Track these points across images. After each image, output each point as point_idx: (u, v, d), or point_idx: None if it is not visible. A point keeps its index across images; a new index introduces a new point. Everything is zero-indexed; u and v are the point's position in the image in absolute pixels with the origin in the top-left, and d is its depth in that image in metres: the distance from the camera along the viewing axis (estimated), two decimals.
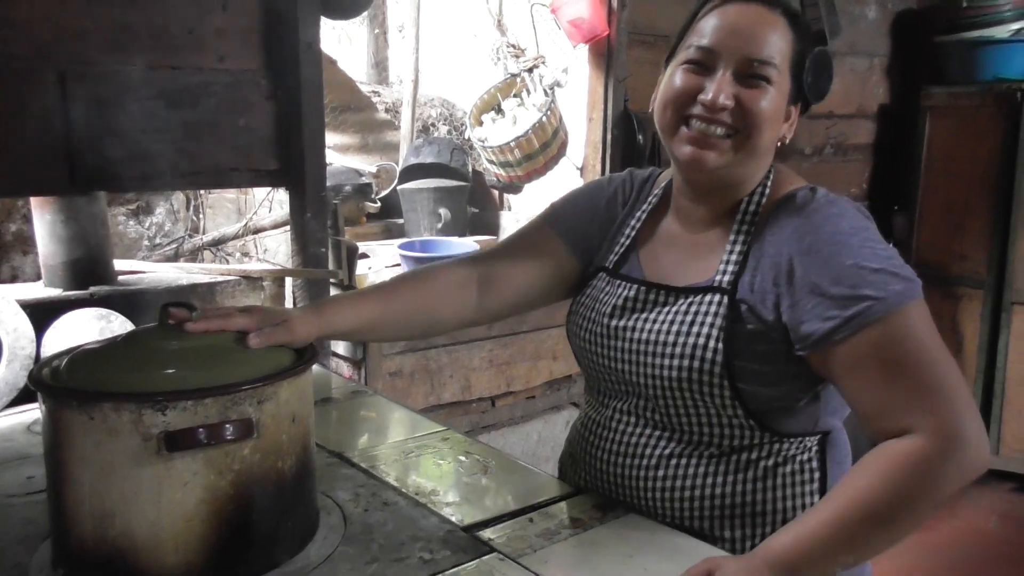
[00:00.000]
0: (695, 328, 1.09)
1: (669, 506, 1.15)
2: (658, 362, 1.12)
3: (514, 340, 2.49)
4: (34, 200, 1.85)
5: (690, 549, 1.09)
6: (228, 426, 0.94)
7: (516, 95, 2.89)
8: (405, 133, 3.43)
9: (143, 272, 2.05)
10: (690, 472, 1.13)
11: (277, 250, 2.36)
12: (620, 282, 1.22)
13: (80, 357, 1.04)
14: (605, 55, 2.63)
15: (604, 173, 2.72)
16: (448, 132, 3.68)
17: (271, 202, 2.29)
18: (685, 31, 1.14)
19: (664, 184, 1.27)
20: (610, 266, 1.26)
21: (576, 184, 2.92)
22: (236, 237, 2.28)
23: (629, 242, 1.25)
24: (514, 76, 2.89)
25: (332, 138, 3.21)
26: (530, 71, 2.80)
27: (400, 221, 3.17)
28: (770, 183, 1.14)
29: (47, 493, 1.02)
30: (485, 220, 3.20)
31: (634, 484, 1.17)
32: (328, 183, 2.08)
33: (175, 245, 2.49)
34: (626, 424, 1.19)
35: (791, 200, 1.10)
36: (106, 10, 1.74)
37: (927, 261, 3.70)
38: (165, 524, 0.94)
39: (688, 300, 1.12)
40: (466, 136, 2.93)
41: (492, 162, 2.79)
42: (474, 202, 3.21)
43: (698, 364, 1.08)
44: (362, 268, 2.27)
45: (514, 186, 2.92)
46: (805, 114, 1.17)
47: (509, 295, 1.32)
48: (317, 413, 1.13)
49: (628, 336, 1.16)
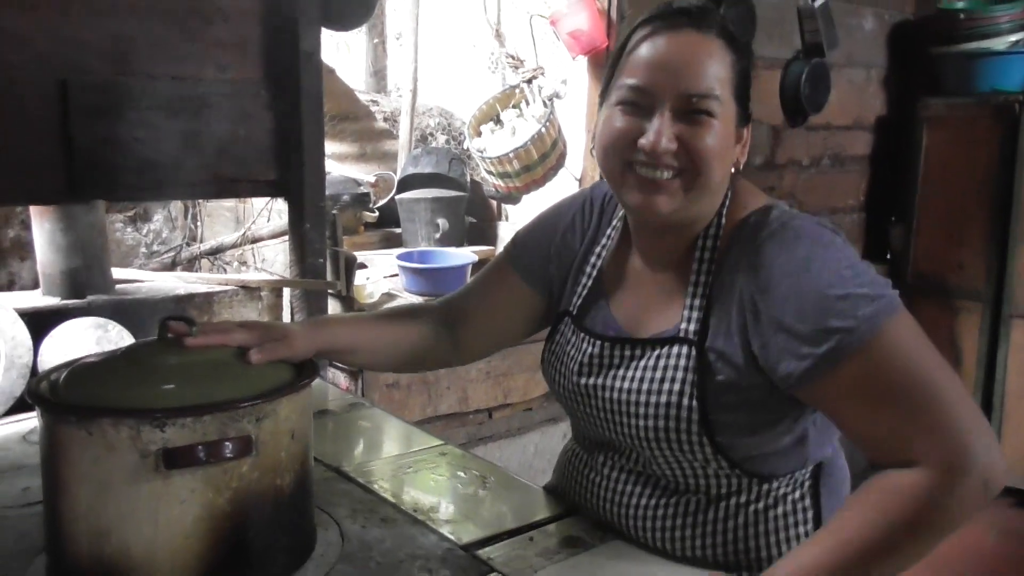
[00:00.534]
0: (665, 385, 1.04)
1: (662, 547, 1.13)
2: (632, 422, 1.07)
3: (512, 351, 2.48)
4: (33, 208, 1.85)
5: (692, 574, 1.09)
6: (227, 443, 0.94)
7: (515, 106, 2.89)
8: (403, 143, 3.43)
9: (141, 281, 2.04)
10: (678, 523, 1.10)
11: (275, 259, 2.36)
12: (584, 335, 1.15)
13: (79, 371, 1.04)
14: (604, 67, 2.62)
15: None
16: (447, 142, 3.69)
17: (270, 212, 2.28)
18: (616, 64, 1.06)
19: (623, 215, 1.18)
20: (574, 311, 1.19)
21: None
22: (234, 246, 2.28)
23: (592, 283, 1.18)
24: (513, 87, 2.89)
25: (330, 147, 3.21)
26: (529, 82, 2.80)
27: (398, 231, 3.16)
28: (725, 211, 1.07)
29: (43, 508, 1.01)
30: (483, 230, 3.20)
31: (629, 531, 1.16)
32: (326, 192, 2.08)
33: (173, 253, 2.49)
34: (611, 469, 1.17)
35: (744, 228, 1.03)
36: (106, 20, 1.73)
37: (924, 273, 3.70)
38: (162, 542, 0.93)
39: (655, 352, 1.06)
40: (464, 146, 2.93)
41: (491, 172, 2.79)
42: (472, 212, 3.20)
43: (673, 424, 1.03)
44: (360, 278, 2.26)
45: (512, 197, 2.92)
46: (801, 124, 1.14)
47: (483, 336, 1.32)
48: (314, 425, 1.12)
49: (599, 395, 1.11)
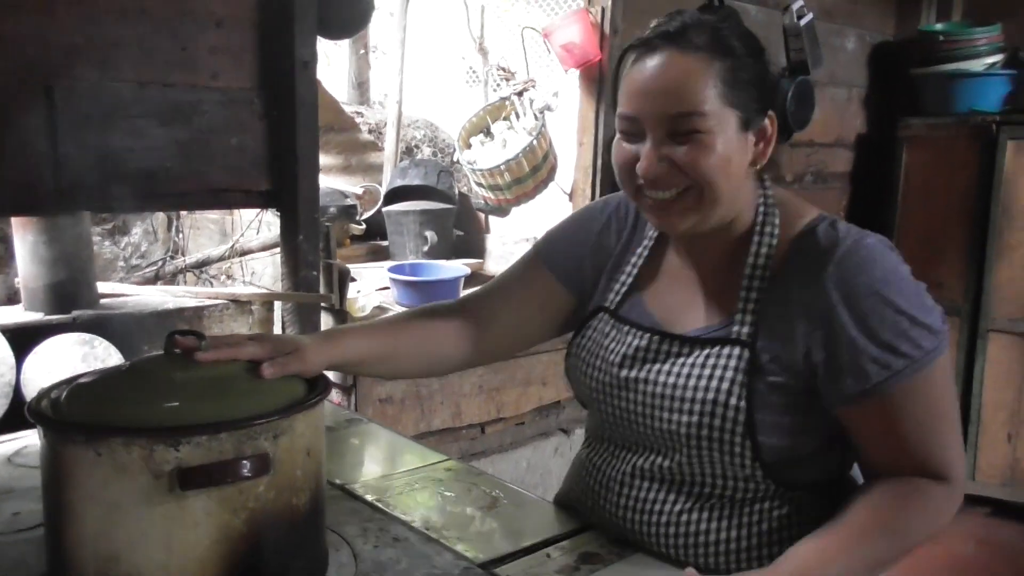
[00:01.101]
0: (713, 382, 1.04)
1: (684, 555, 1.11)
2: (674, 417, 1.07)
3: (504, 365, 2.45)
4: (15, 220, 1.78)
5: None
6: (245, 462, 0.89)
7: (505, 118, 2.87)
8: (389, 155, 3.39)
9: (126, 295, 1.98)
10: (702, 528, 1.09)
11: (263, 272, 2.31)
12: (628, 328, 1.15)
13: (82, 388, 0.99)
14: (596, 80, 2.63)
15: (594, 198, 2.71)
16: (434, 154, 3.66)
17: (259, 223, 2.23)
18: (616, 87, 1.08)
19: None
20: (611, 307, 1.19)
21: (564, 208, 2.91)
22: (222, 259, 2.22)
23: (632, 280, 1.19)
24: (504, 99, 2.88)
25: None
26: (520, 94, 2.79)
27: (384, 243, 3.12)
28: (777, 220, 1.08)
29: (45, 534, 0.96)
30: (470, 243, 3.17)
31: (647, 540, 1.13)
32: None
33: (156, 267, 2.42)
34: (632, 477, 1.14)
35: (811, 238, 1.04)
36: (96, 25, 1.69)
37: None
38: (175, 567, 0.89)
39: (704, 352, 1.07)
40: (454, 158, 2.91)
41: (481, 185, 2.77)
42: (459, 225, 3.18)
43: (719, 421, 1.03)
44: (351, 292, 2.22)
45: (502, 209, 2.90)
46: (786, 141, 1.13)
47: (504, 335, 1.28)
48: None
49: (640, 388, 1.10)
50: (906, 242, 3.73)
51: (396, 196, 3.09)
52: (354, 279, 2.44)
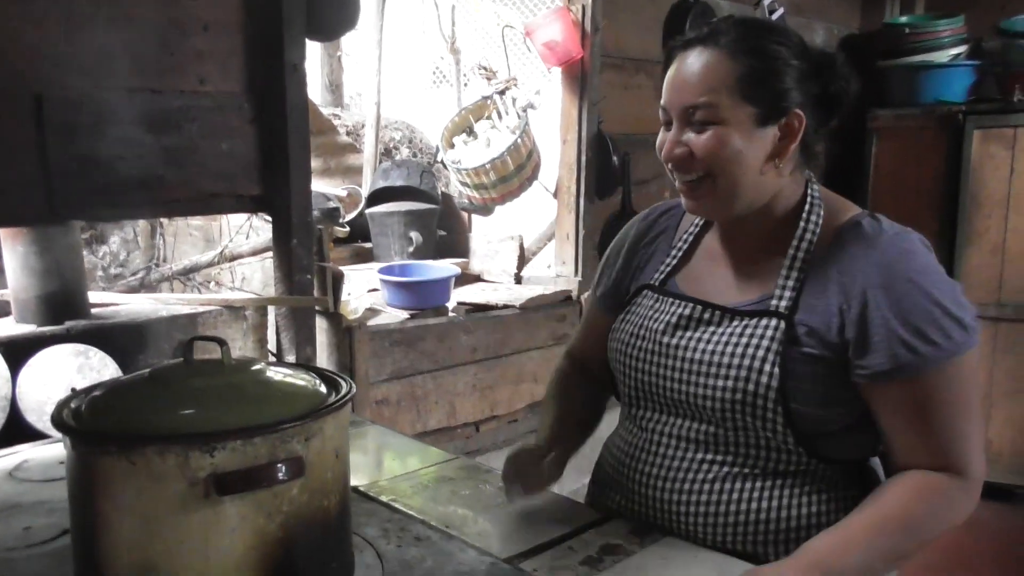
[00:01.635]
0: (750, 351, 1.10)
1: (712, 531, 1.14)
2: (712, 383, 1.12)
3: (497, 364, 2.46)
4: (4, 231, 1.75)
5: (735, 569, 1.08)
6: (280, 466, 0.89)
7: (488, 117, 2.88)
8: (369, 156, 3.38)
9: (117, 304, 1.95)
10: (734, 497, 1.13)
11: (252, 277, 2.29)
12: (671, 299, 1.22)
13: (104, 399, 0.98)
14: (579, 78, 2.65)
15: (579, 194, 2.73)
16: (413, 155, 3.65)
17: (249, 228, 2.21)
18: None
19: None
20: (655, 283, 1.26)
21: (549, 206, 2.93)
22: (211, 265, 2.20)
23: (675, 262, 1.26)
24: (486, 98, 2.88)
25: None
26: (502, 93, 2.80)
27: (368, 245, 3.11)
28: (822, 212, 1.15)
29: (73, 546, 0.95)
30: (454, 243, 3.17)
31: (675, 508, 1.16)
32: None
33: (140, 275, 2.39)
34: (667, 447, 1.18)
35: (857, 228, 1.11)
36: (83, 32, 1.66)
37: None
38: (213, 574, 0.88)
39: (743, 322, 1.13)
40: (437, 158, 2.91)
41: (466, 184, 2.77)
42: (442, 225, 3.18)
43: (752, 387, 1.08)
44: (342, 294, 2.21)
45: (487, 208, 2.91)
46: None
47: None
48: None
49: (681, 355, 1.16)
50: None
51: (378, 198, 3.09)
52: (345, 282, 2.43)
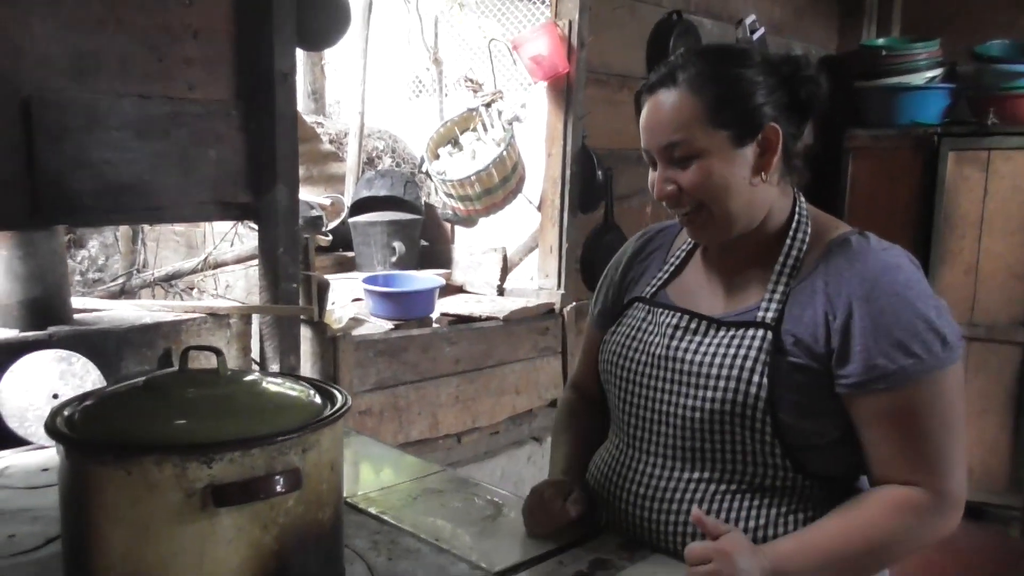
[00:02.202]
0: (739, 361, 1.12)
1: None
2: (701, 393, 1.14)
3: (479, 375, 2.47)
4: None
5: None
6: (278, 477, 0.89)
7: (473, 129, 2.89)
8: (351, 165, 3.38)
9: (100, 310, 1.93)
10: (721, 517, 1.13)
11: (235, 285, 2.28)
12: (661, 310, 1.24)
13: (98, 407, 0.97)
14: (564, 92, 2.67)
15: (563, 208, 2.75)
16: (396, 164, 3.65)
17: (235, 236, 2.20)
18: None
19: None
20: (646, 296, 1.28)
21: (532, 219, 2.94)
22: (194, 272, 2.18)
23: (667, 276, 1.29)
24: (471, 110, 2.90)
25: None
26: (488, 106, 2.81)
27: (350, 255, 3.10)
28: (809, 228, 1.17)
29: (64, 555, 0.94)
30: (437, 253, 3.17)
31: (662, 528, 1.17)
32: None
33: (121, 281, 2.37)
34: (654, 466, 1.19)
35: (846, 244, 1.13)
36: (71, 35, 1.65)
37: None
38: None
39: (731, 333, 1.15)
40: (421, 168, 2.91)
41: (450, 196, 2.78)
42: (425, 235, 3.18)
43: (741, 397, 1.10)
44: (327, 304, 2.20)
45: (470, 220, 2.92)
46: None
47: None
48: None
49: (670, 366, 1.18)
50: None
51: (361, 207, 3.08)
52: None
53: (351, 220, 3.00)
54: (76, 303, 1.90)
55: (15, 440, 1.57)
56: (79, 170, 1.65)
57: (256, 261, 2.02)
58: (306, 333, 2.08)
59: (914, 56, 3.72)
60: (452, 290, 2.94)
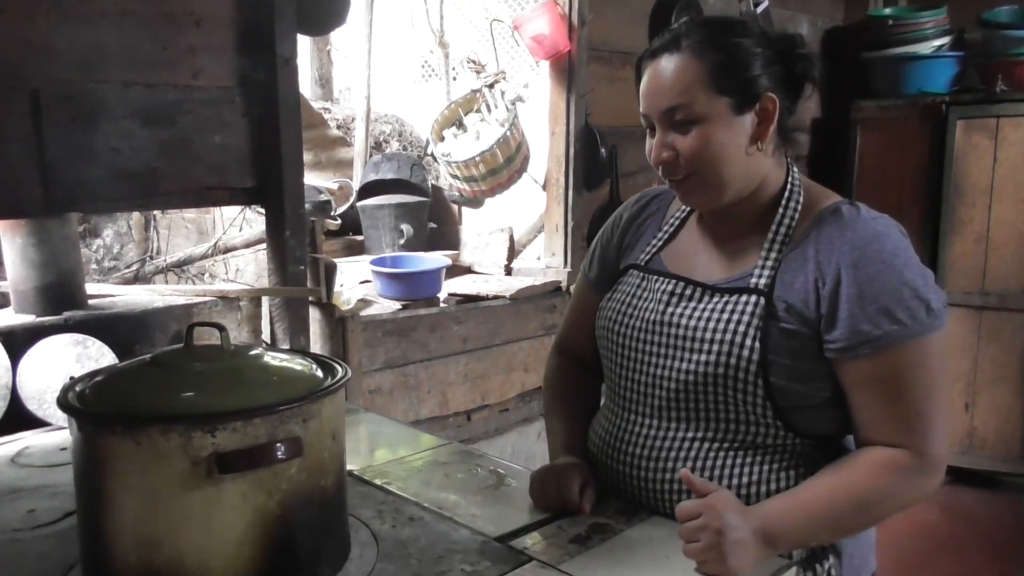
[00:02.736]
0: (731, 325, 1.15)
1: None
2: (695, 357, 1.16)
3: (488, 353, 2.50)
4: (2, 223, 1.77)
5: None
6: (279, 445, 0.93)
7: (477, 110, 2.91)
8: (359, 150, 3.41)
9: (114, 295, 1.98)
10: (715, 474, 1.17)
11: (246, 269, 2.32)
12: (656, 277, 1.26)
13: (108, 382, 1.01)
14: (566, 71, 2.68)
15: (568, 186, 2.77)
16: (403, 148, 3.68)
17: (243, 221, 2.24)
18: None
19: None
20: (641, 263, 1.31)
21: (538, 198, 2.96)
22: (205, 257, 2.23)
23: (661, 244, 1.31)
24: (475, 91, 2.91)
25: None
26: (491, 87, 2.83)
27: (359, 238, 3.14)
28: (801, 198, 1.20)
29: (79, 524, 0.98)
30: (445, 235, 3.20)
31: (658, 487, 1.20)
32: None
33: (135, 267, 2.41)
34: (649, 427, 1.22)
35: (837, 213, 1.16)
36: (77, 27, 1.69)
37: None
38: (215, 549, 0.92)
39: (724, 299, 1.18)
40: (427, 151, 2.94)
41: (456, 177, 2.80)
42: (433, 217, 3.21)
43: (734, 360, 1.13)
44: (335, 285, 2.24)
45: (477, 200, 2.94)
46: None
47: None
48: None
49: (665, 331, 1.21)
50: None
51: (369, 191, 3.12)
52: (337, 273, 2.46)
53: (359, 204, 3.03)
54: (91, 289, 1.95)
55: (34, 421, 1.63)
56: (88, 159, 1.69)
57: (264, 245, 2.05)
58: (315, 315, 2.12)
59: (921, 25, 3.69)
60: (460, 271, 2.97)
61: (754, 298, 1.15)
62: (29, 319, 1.74)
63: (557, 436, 1.38)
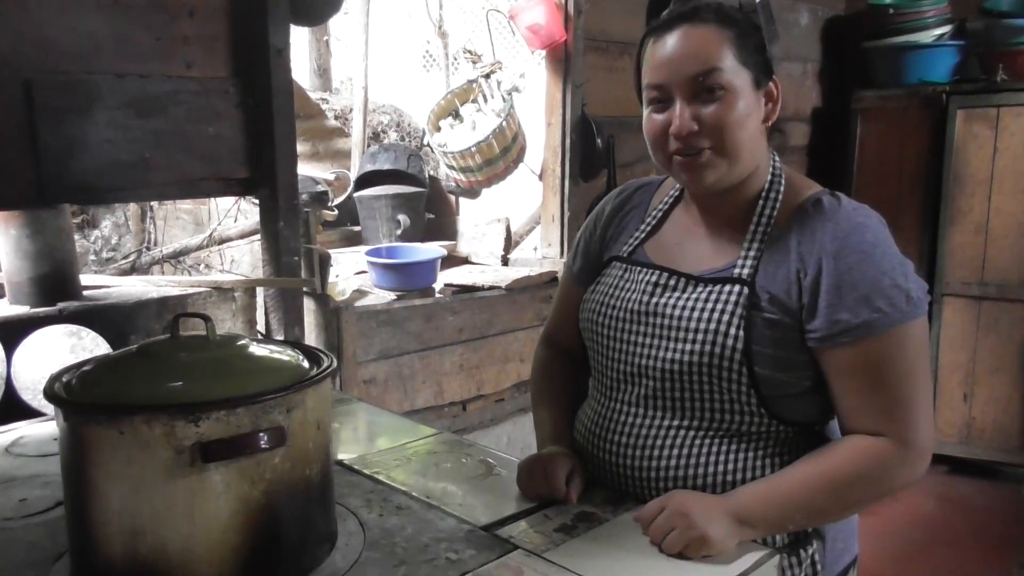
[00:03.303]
0: (715, 315, 1.15)
1: (676, 487, 1.19)
2: (679, 346, 1.17)
3: (483, 344, 2.51)
4: None
5: None
6: (262, 435, 0.94)
7: (473, 100, 2.91)
8: (357, 140, 3.41)
9: (109, 286, 1.99)
10: (700, 460, 1.18)
11: (241, 260, 2.33)
12: (639, 268, 1.27)
13: (94, 372, 1.02)
14: (562, 61, 2.67)
15: (564, 177, 2.77)
16: (401, 138, 3.68)
17: (238, 211, 2.25)
18: (638, 71, 1.21)
19: (678, 186, 1.32)
20: (624, 255, 1.31)
21: (535, 189, 2.96)
22: (200, 248, 2.24)
23: (644, 236, 1.31)
24: (471, 82, 2.91)
25: None
26: (487, 77, 2.82)
27: (356, 228, 3.15)
28: (783, 187, 1.20)
29: (66, 513, 0.99)
30: (442, 225, 3.21)
31: (643, 475, 1.21)
32: None
33: (131, 258, 2.42)
34: (634, 416, 1.23)
35: (818, 204, 1.16)
36: (70, 17, 1.69)
37: None
38: (199, 538, 0.93)
39: (708, 288, 1.18)
40: (424, 141, 2.94)
41: (452, 167, 2.81)
42: (430, 208, 3.21)
43: (719, 349, 1.13)
44: (330, 276, 2.25)
45: (473, 191, 2.94)
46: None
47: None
48: None
49: (649, 321, 1.21)
50: None
51: (366, 181, 3.12)
52: (332, 264, 2.46)
53: (356, 194, 3.04)
54: (85, 280, 1.96)
55: (29, 412, 1.64)
56: (81, 150, 1.70)
57: (259, 236, 2.06)
58: (310, 305, 2.13)
59: (922, 13, 3.67)
60: (457, 261, 2.98)
61: (738, 287, 1.15)
62: (24, 310, 1.75)
63: (545, 427, 1.39)
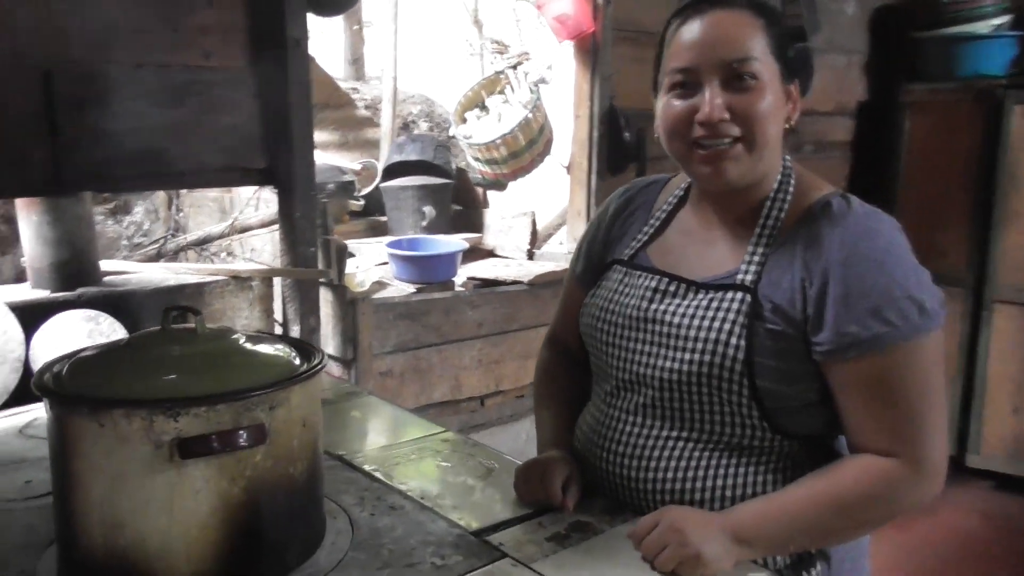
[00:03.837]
0: (717, 324, 1.10)
1: (674, 500, 1.14)
2: (679, 355, 1.12)
3: (503, 339, 2.48)
4: (19, 201, 1.81)
5: None
6: (241, 432, 0.93)
7: (500, 92, 2.87)
8: (386, 131, 3.41)
9: (129, 272, 2.01)
10: (699, 474, 1.13)
11: (263, 249, 2.34)
12: (640, 273, 1.22)
13: (83, 363, 1.02)
14: (591, 52, 2.63)
15: (591, 170, 2.72)
16: (430, 129, 3.67)
17: (257, 201, 2.26)
18: (660, 56, 1.16)
19: (684, 185, 1.28)
20: (625, 258, 1.27)
21: (562, 182, 2.92)
22: (221, 236, 2.25)
23: (647, 238, 1.27)
24: (498, 73, 2.88)
25: None
26: (514, 68, 2.79)
27: (383, 219, 3.15)
28: (792, 188, 1.15)
29: (53, 501, 1.00)
30: (468, 217, 3.19)
31: (642, 487, 1.17)
32: None
33: (158, 245, 2.45)
34: (633, 425, 1.19)
35: (827, 207, 1.10)
36: (89, 8, 1.70)
37: None
38: (177, 532, 0.92)
39: (710, 295, 1.13)
40: (451, 133, 2.92)
41: (478, 159, 2.78)
42: (457, 199, 3.20)
43: (719, 360, 1.09)
44: (350, 267, 2.25)
45: (499, 183, 2.92)
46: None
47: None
48: None
49: (649, 328, 1.17)
50: (908, 210, 3.66)
51: (394, 172, 3.11)
52: (352, 255, 2.47)
53: (383, 185, 3.03)
54: (106, 266, 1.98)
55: None
56: (99, 139, 1.71)
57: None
58: (327, 296, 2.13)
59: (980, 2, 3.49)
60: (483, 254, 2.96)
61: (740, 295, 1.10)
62: (44, 294, 1.78)
63: (545, 430, 1.36)
